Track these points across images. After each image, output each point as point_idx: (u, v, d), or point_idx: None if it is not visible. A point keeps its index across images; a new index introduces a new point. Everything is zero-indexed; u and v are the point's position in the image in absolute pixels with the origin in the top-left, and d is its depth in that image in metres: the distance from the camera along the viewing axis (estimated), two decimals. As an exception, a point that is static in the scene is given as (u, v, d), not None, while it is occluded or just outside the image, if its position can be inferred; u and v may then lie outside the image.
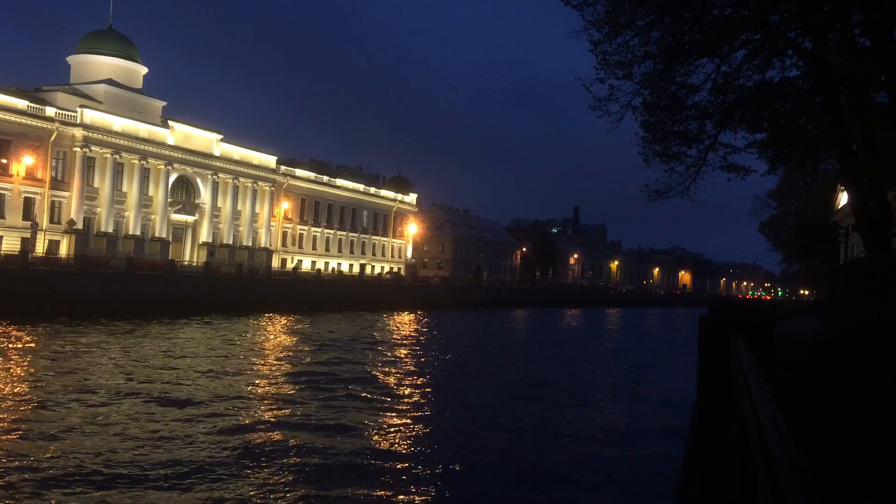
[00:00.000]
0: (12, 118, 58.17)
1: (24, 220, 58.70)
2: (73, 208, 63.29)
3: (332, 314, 61.52)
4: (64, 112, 62.50)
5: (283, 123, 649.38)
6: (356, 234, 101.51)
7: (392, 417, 20.78)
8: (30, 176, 59.59)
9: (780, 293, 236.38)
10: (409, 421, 20.43)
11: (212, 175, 76.49)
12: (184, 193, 75.36)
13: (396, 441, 17.92)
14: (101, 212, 65.31)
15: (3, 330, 35.85)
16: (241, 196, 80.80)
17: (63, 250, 60.28)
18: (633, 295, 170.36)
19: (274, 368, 29.17)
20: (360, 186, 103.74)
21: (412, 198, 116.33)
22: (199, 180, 75.89)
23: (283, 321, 53.06)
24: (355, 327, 51.56)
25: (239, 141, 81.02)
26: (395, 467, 15.46)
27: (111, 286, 50.10)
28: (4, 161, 58.31)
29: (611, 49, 16.94)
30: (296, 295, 65.70)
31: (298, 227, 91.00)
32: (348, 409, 21.39)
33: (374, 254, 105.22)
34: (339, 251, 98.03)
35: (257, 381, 25.55)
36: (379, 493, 13.63)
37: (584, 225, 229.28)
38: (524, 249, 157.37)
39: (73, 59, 74.03)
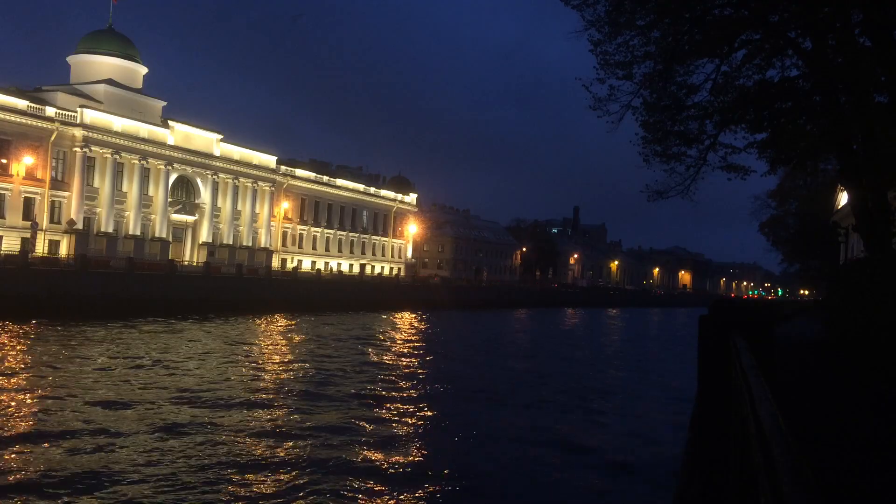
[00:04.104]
0: (12, 118, 58.17)
1: (24, 220, 58.71)
2: (73, 208, 63.29)
3: (332, 314, 61.53)
4: (64, 112, 62.49)
5: (283, 123, 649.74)
6: (356, 234, 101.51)
7: (392, 419, 20.77)
8: (30, 176, 59.59)
9: (780, 293, 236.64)
10: (408, 423, 20.43)
11: (212, 175, 76.50)
12: (184, 193, 75.37)
13: (396, 443, 17.91)
14: (101, 212, 65.31)
15: (4, 330, 35.85)
16: (241, 196, 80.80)
17: (63, 250, 60.28)
18: (633, 295, 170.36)
19: (274, 369, 29.17)
20: (360, 186, 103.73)
21: (412, 198, 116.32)
22: (199, 180, 75.89)
23: (284, 321, 53.08)
24: (355, 327, 51.57)
25: (239, 141, 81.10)
26: (394, 470, 15.47)
27: (111, 286, 50.10)
28: (4, 161, 58.31)
29: (611, 49, 16.92)
30: (296, 295, 65.72)
31: (298, 227, 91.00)
32: (347, 409, 21.39)
33: (374, 254, 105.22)
34: (339, 251, 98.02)
35: (257, 382, 25.56)
36: (377, 494, 13.64)
37: (584, 225, 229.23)
38: (524, 249, 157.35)
39: (73, 59, 74.05)
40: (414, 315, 70.54)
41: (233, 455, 15.49)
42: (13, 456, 14.54)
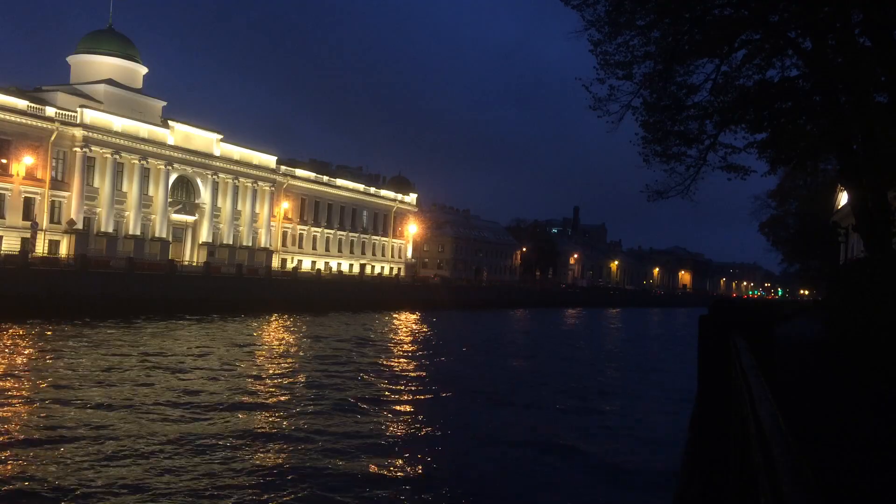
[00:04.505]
0: (12, 118, 58.17)
1: (24, 220, 58.71)
2: (73, 208, 63.29)
3: (331, 314, 61.53)
4: (64, 112, 62.49)
5: (283, 123, 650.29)
6: (356, 234, 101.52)
7: (392, 420, 20.77)
8: (30, 176, 59.60)
9: (780, 293, 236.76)
10: (407, 424, 20.42)
11: (212, 175, 76.50)
12: (184, 193, 75.37)
13: (395, 445, 17.91)
14: (101, 212, 65.31)
15: (4, 330, 35.84)
16: (241, 196, 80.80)
17: (63, 250, 60.29)
18: (633, 295, 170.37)
19: (273, 370, 29.15)
20: (360, 186, 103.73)
21: (412, 198, 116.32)
22: (199, 180, 75.89)
23: (283, 321, 53.07)
24: (355, 327, 51.56)
25: (239, 141, 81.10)
26: (393, 472, 15.47)
27: (111, 286, 50.10)
28: (4, 161, 58.31)
29: (611, 49, 16.92)
30: (296, 295, 65.71)
31: (298, 227, 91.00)
32: (347, 410, 21.39)
33: (374, 254, 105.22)
34: (339, 251, 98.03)
35: (256, 383, 25.54)
36: (376, 496, 13.63)
37: (584, 225, 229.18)
38: (524, 249, 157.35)
39: (73, 59, 74.05)
40: (414, 315, 70.54)
41: (231, 458, 15.48)
42: (11, 457, 14.52)
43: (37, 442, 15.61)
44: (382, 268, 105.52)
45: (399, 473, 15.07)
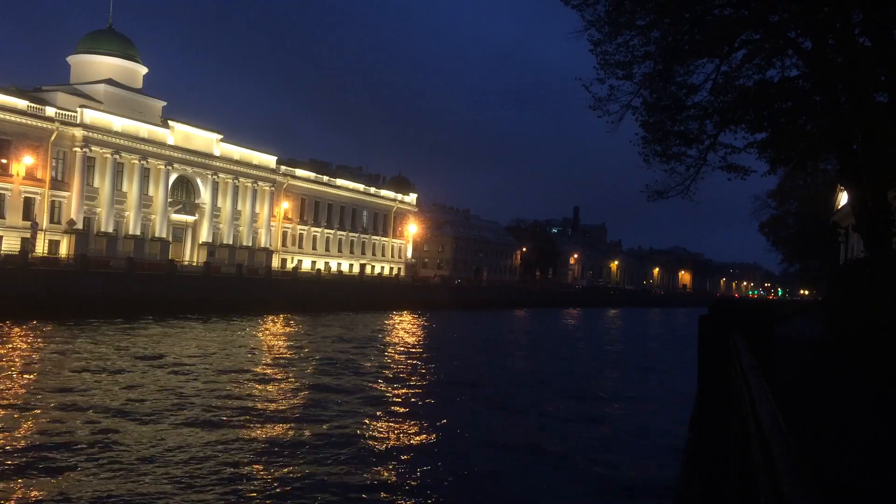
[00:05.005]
0: (12, 118, 58.15)
1: (24, 220, 58.70)
2: (73, 208, 63.28)
3: (332, 314, 61.54)
4: (64, 112, 62.48)
5: (283, 123, 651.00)
6: (356, 234, 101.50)
7: (390, 422, 20.77)
8: (30, 176, 59.59)
9: (780, 293, 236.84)
10: (405, 427, 20.41)
11: (212, 175, 76.48)
12: (184, 193, 75.36)
13: (393, 448, 17.91)
14: (101, 212, 65.31)
15: (4, 330, 35.83)
16: (241, 196, 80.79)
17: (63, 250, 60.28)
18: (633, 295, 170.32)
19: (273, 371, 29.15)
20: (360, 186, 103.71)
21: (412, 198, 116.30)
22: (199, 180, 75.88)
23: (283, 322, 53.06)
24: (355, 328, 51.56)
25: (239, 141, 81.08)
26: (390, 476, 15.47)
27: (111, 286, 50.10)
28: (4, 161, 58.30)
29: (611, 49, 16.91)
30: (296, 295, 65.71)
31: (298, 227, 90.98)
32: (347, 413, 21.39)
33: (374, 254, 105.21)
34: (339, 251, 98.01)
35: (255, 385, 25.54)
36: (373, 499, 13.63)
37: (584, 225, 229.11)
38: (524, 249, 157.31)
39: (73, 59, 74.05)
40: (414, 315, 70.53)
41: (230, 461, 15.47)
42: (10, 458, 14.52)
43: (34, 444, 15.59)
44: (382, 268, 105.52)
45: (398, 476, 15.06)
